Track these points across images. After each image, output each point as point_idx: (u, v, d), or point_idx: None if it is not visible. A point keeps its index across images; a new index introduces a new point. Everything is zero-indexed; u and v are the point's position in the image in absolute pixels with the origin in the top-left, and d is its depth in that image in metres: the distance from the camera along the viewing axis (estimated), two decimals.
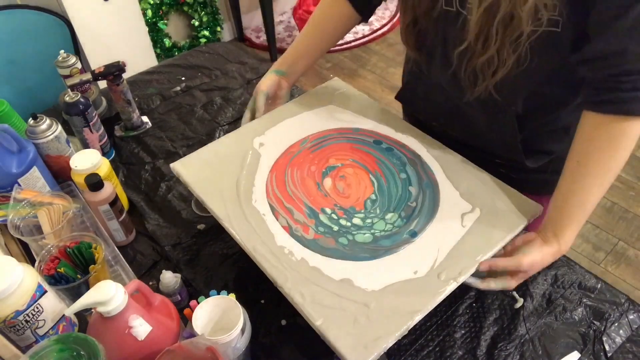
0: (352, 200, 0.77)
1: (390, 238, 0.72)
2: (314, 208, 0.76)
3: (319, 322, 0.63)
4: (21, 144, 0.88)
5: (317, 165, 0.83)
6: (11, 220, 0.79)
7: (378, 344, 0.60)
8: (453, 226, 0.73)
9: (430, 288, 0.65)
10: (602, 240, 1.87)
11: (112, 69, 1.04)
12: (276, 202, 0.77)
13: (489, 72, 0.69)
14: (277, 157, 0.85)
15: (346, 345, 0.60)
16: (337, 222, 0.74)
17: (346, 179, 0.80)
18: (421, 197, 0.77)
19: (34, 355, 0.53)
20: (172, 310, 0.66)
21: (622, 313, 0.75)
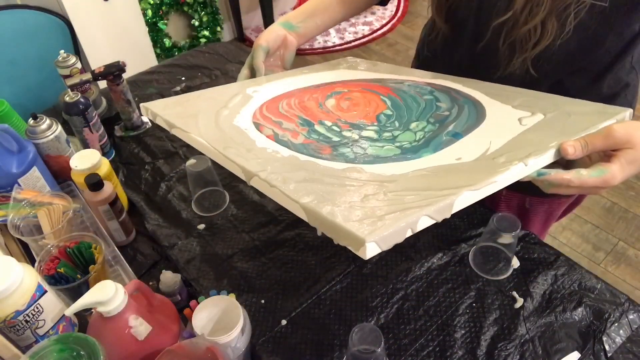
0: (359, 115, 0.63)
1: (429, 145, 0.55)
2: (309, 119, 0.62)
3: (307, 199, 0.46)
4: (21, 144, 0.88)
5: (321, 92, 0.70)
6: (11, 220, 0.79)
7: (401, 216, 0.42)
8: (509, 124, 0.57)
9: (484, 168, 0.48)
10: (602, 240, 1.87)
11: (112, 69, 1.04)
12: (262, 119, 0.64)
13: (530, 43, 0.68)
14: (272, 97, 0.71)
15: (349, 218, 0.43)
16: (338, 134, 0.59)
17: (352, 100, 0.68)
18: (456, 109, 0.64)
19: (34, 355, 0.53)
20: (172, 310, 0.66)
21: (622, 313, 0.75)
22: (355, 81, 0.74)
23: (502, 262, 0.81)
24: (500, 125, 0.57)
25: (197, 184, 0.94)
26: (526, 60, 0.70)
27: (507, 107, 0.63)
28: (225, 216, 0.93)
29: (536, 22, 0.65)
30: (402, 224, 0.42)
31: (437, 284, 0.80)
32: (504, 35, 0.70)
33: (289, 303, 0.79)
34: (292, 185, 0.49)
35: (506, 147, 0.52)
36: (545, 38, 0.66)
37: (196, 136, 0.60)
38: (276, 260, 0.85)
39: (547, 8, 0.64)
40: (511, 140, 0.53)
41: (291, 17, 0.80)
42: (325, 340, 0.74)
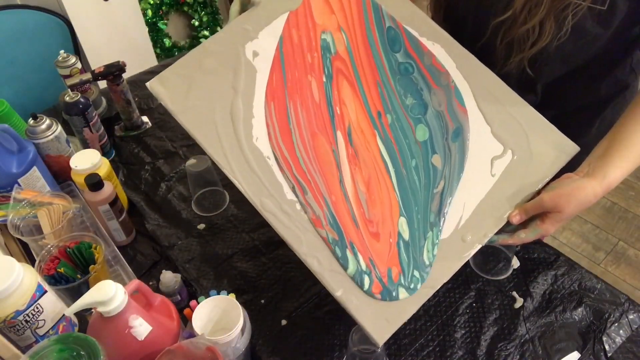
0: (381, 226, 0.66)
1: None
2: (342, 234, 0.64)
3: (339, 292, 0.61)
4: (21, 144, 0.88)
5: (324, 114, 0.68)
6: (11, 220, 0.79)
7: (400, 316, 0.60)
8: (482, 176, 0.66)
9: (454, 252, 0.63)
10: (602, 240, 1.87)
11: (112, 69, 1.04)
12: (283, 160, 0.65)
13: (527, 43, 0.68)
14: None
15: (368, 317, 0.60)
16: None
17: (369, 194, 0.67)
18: (448, 166, 0.68)
19: (34, 355, 0.53)
20: (172, 310, 0.66)
21: (622, 313, 0.75)
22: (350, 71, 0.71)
23: (502, 262, 0.81)
24: (476, 178, 0.67)
25: (197, 184, 0.94)
26: (523, 60, 0.70)
27: (487, 130, 0.69)
28: (225, 216, 0.93)
29: (535, 22, 0.66)
30: (400, 323, 0.60)
31: None
32: (501, 35, 0.71)
33: (289, 303, 0.79)
34: (326, 269, 0.62)
35: (473, 217, 0.65)
36: (543, 38, 0.67)
37: (231, 176, 0.64)
38: (276, 260, 0.85)
39: (546, 8, 0.64)
40: (480, 203, 0.65)
41: None
42: (325, 340, 0.74)
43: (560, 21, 0.65)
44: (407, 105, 0.71)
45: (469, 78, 0.70)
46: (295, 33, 0.71)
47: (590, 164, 0.63)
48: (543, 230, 0.64)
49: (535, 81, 0.74)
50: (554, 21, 0.65)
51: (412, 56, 0.72)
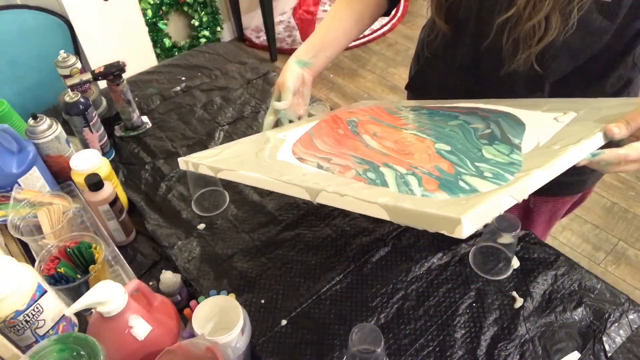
0: (422, 160, 0.60)
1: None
2: (370, 160, 0.60)
3: (386, 198, 0.47)
4: (21, 144, 0.88)
5: (346, 130, 0.73)
6: (11, 220, 0.79)
7: (485, 197, 0.45)
8: (548, 125, 0.60)
9: (544, 155, 0.52)
10: (602, 240, 1.87)
11: (112, 69, 1.04)
12: (304, 154, 0.66)
13: (534, 39, 0.68)
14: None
15: (436, 206, 0.45)
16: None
17: (393, 139, 0.69)
18: (494, 124, 0.66)
19: (34, 355, 0.53)
20: (172, 310, 0.66)
21: (622, 313, 0.75)
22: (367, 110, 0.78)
23: (502, 262, 0.81)
24: (541, 126, 0.59)
25: (197, 184, 0.94)
26: (530, 56, 0.70)
27: (537, 112, 0.65)
28: (225, 216, 0.93)
29: (540, 17, 0.65)
30: (490, 204, 0.44)
31: (437, 284, 0.80)
32: (507, 32, 0.71)
33: (289, 303, 0.79)
34: (365, 191, 0.51)
35: (555, 138, 0.55)
36: (550, 33, 0.66)
37: (247, 172, 0.62)
38: (276, 260, 0.85)
39: (551, 3, 0.64)
40: (557, 133, 0.56)
41: (302, 54, 0.83)
42: (325, 340, 0.74)
43: (566, 15, 0.65)
44: (435, 119, 0.75)
45: (499, 103, 0.73)
46: (324, 124, 0.80)
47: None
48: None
49: (544, 78, 0.74)
50: (560, 15, 0.65)
51: (437, 111, 0.78)
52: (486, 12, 0.73)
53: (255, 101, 1.21)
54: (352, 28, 0.86)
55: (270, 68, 1.32)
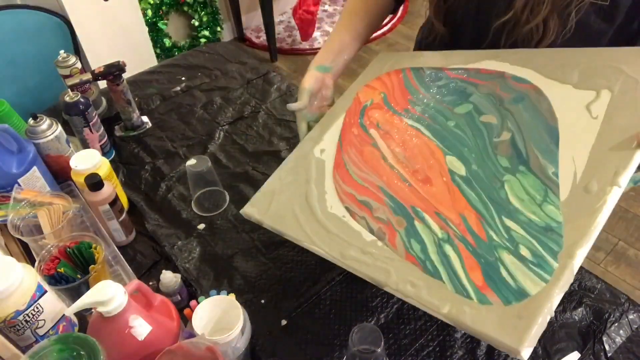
0: (445, 206, 0.61)
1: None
2: (400, 202, 0.64)
3: (446, 309, 0.52)
4: (21, 144, 0.88)
5: (362, 139, 0.75)
6: (11, 220, 0.79)
7: (533, 306, 0.47)
8: (583, 124, 0.57)
9: (583, 208, 0.51)
10: (602, 240, 1.87)
11: (112, 69, 1.04)
12: (349, 199, 0.69)
13: (532, 42, 0.68)
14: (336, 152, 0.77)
15: (494, 325, 0.47)
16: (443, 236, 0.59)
17: (390, 132, 0.73)
18: (513, 122, 0.63)
19: (34, 355, 0.53)
20: (172, 310, 0.66)
21: (622, 313, 0.75)
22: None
23: None
24: (574, 127, 0.57)
25: (197, 184, 0.94)
26: None
27: (568, 87, 0.61)
28: (225, 216, 0.93)
29: (538, 20, 0.65)
30: (545, 315, 0.46)
31: None
32: (505, 36, 0.71)
33: (289, 303, 0.79)
34: (424, 290, 0.54)
35: (591, 163, 0.53)
36: (548, 37, 0.66)
37: (310, 245, 0.66)
38: (276, 260, 0.85)
39: (548, 6, 0.64)
40: (592, 151, 0.54)
41: (322, 60, 0.86)
42: (325, 340, 0.74)
43: (564, 18, 0.65)
44: (444, 100, 0.73)
45: (526, 64, 0.68)
46: (348, 119, 0.81)
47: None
48: None
49: None
50: (558, 18, 0.65)
51: (453, 78, 0.76)
52: (484, 15, 0.73)
53: (255, 101, 1.21)
54: (365, 28, 0.89)
55: (270, 68, 1.33)
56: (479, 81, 0.72)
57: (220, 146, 1.09)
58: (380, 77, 0.85)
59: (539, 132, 0.61)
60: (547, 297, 0.47)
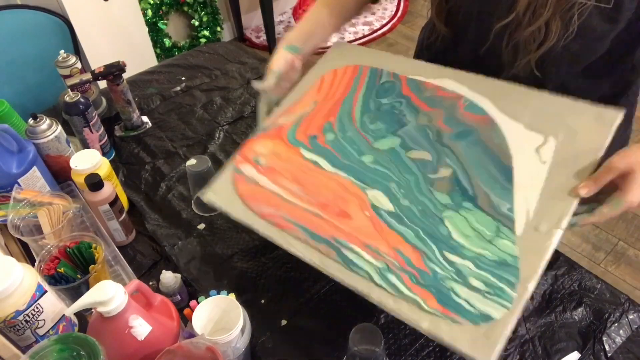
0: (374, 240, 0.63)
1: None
2: (317, 234, 0.65)
3: (425, 324, 0.56)
4: (21, 144, 0.88)
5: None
6: (11, 220, 0.79)
7: (498, 329, 0.53)
8: (533, 167, 0.62)
9: (535, 245, 0.57)
10: (602, 240, 1.87)
11: (112, 69, 1.04)
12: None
13: (534, 44, 0.68)
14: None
15: (467, 342, 0.53)
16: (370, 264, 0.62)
17: (296, 179, 0.71)
18: (452, 159, 0.66)
19: (34, 355, 0.53)
20: (172, 310, 0.66)
21: (622, 313, 0.75)
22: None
23: None
24: (526, 168, 0.62)
25: (197, 184, 0.94)
26: (530, 61, 0.70)
27: (520, 126, 0.66)
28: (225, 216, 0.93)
29: (540, 23, 0.65)
30: (507, 333, 0.52)
31: None
32: (507, 38, 0.70)
33: (289, 303, 0.79)
34: (404, 307, 0.57)
35: (540, 206, 0.59)
36: (550, 39, 0.66)
37: (288, 247, 0.67)
38: (276, 260, 0.85)
39: (551, 9, 0.63)
40: (542, 194, 0.60)
41: (293, 39, 0.83)
42: (325, 340, 0.74)
43: (567, 21, 0.64)
44: (369, 128, 0.74)
45: (484, 93, 0.71)
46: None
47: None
48: (626, 199, 0.57)
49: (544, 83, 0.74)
50: (560, 21, 0.65)
51: (405, 95, 0.76)
52: (486, 16, 0.73)
53: (255, 101, 1.21)
54: (342, 12, 0.87)
55: None
56: (427, 107, 0.73)
57: (220, 146, 1.09)
58: (336, 71, 0.82)
59: (488, 169, 0.64)
60: (507, 322, 0.53)
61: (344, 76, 0.82)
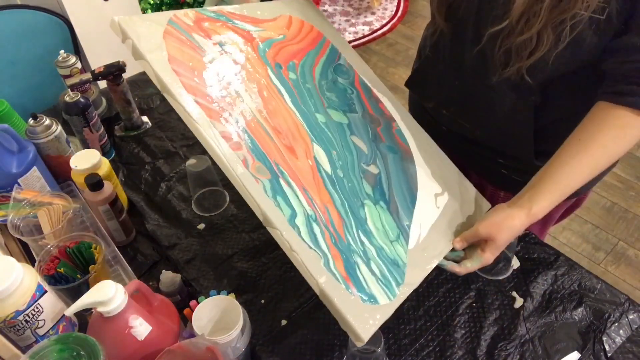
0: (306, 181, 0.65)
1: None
2: (264, 153, 0.63)
3: (324, 279, 0.59)
4: (21, 144, 0.88)
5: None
6: (11, 220, 0.79)
7: (379, 313, 0.60)
8: (430, 206, 0.73)
9: (419, 262, 0.68)
10: (602, 240, 1.87)
11: (112, 69, 1.04)
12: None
13: (525, 53, 0.68)
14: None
15: (354, 313, 0.58)
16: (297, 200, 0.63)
17: (260, 92, 0.68)
18: (382, 163, 0.74)
19: (34, 355, 0.53)
20: (172, 310, 0.66)
21: (622, 313, 0.75)
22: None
23: (502, 262, 0.81)
24: (425, 204, 0.74)
25: (197, 184, 0.94)
26: (521, 68, 0.70)
27: (427, 171, 0.78)
28: (225, 216, 0.93)
29: (532, 33, 0.65)
30: (382, 320, 0.60)
31: (437, 284, 0.80)
32: (499, 43, 0.71)
33: (289, 303, 0.79)
34: (307, 255, 0.59)
35: (429, 238, 0.71)
36: (540, 49, 0.66)
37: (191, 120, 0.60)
38: (276, 260, 0.85)
39: (543, 20, 0.64)
40: (431, 228, 0.72)
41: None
42: (325, 340, 0.74)
43: (559, 32, 0.65)
44: (325, 93, 0.76)
45: (410, 129, 0.81)
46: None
47: (522, 194, 0.69)
48: (483, 259, 0.69)
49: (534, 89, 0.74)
50: (552, 32, 0.65)
51: (356, 88, 0.81)
52: (482, 18, 0.73)
53: None
54: None
55: None
56: (371, 110, 0.79)
57: None
58: (303, 23, 0.81)
59: (402, 186, 0.74)
60: (388, 311, 0.61)
61: (309, 33, 0.82)
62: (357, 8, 3.25)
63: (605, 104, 0.67)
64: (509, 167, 0.87)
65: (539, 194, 0.67)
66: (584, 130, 0.68)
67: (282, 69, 0.74)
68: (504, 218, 0.68)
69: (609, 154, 0.67)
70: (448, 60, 0.84)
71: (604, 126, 0.66)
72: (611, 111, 0.66)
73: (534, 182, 0.69)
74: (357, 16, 3.17)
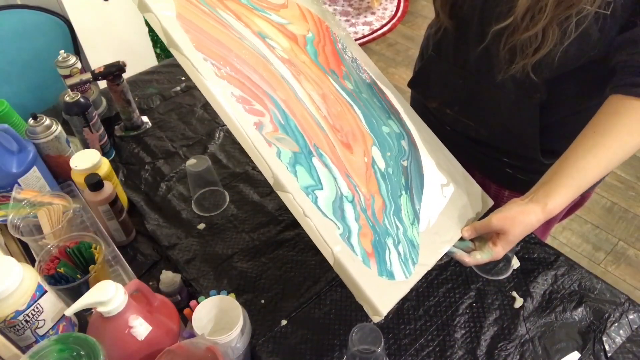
0: (357, 173, 0.67)
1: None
2: (300, 132, 0.63)
3: (339, 248, 0.58)
4: (21, 144, 0.88)
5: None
6: (11, 220, 0.79)
7: (395, 290, 0.61)
8: (437, 195, 0.74)
9: (430, 246, 0.68)
10: (602, 240, 1.87)
11: (112, 69, 1.04)
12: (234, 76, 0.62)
13: (530, 50, 0.68)
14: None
15: (371, 285, 0.59)
16: (335, 184, 0.63)
17: (324, 97, 0.70)
18: (410, 157, 0.76)
19: (34, 355, 0.53)
20: (172, 310, 0.66)
21: (622, 313, 0.75)
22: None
23: (502, 262, 0.81)
24: (433, 193, 0.74)
25: (197, 184, 0.94)
26: (526, 65, 0.70)
27: (433, 162, 0.77)
28: (225, 216, 0.93)
29: (537, 29, 0.65)
30: (399, 297, 0.61)
31: (437, 284, 0.80)
32: (504, 40, 0.70)
33: (289, 303, 0.79)
34: (320, 223, 0.58)
35: (439, 223, 0.71)
36: (546, 45, 0.66)
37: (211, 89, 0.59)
38: (276, 260, 0.85)
39: (548, 16, 0.63)
40: (440, 215, 0.72)
41: None
42: (325, 340, 0.74)
43: (564, 28, 0.64)
44: (374, 104, 0.78)
45: (415, 124, 0.81)
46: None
47: (536, 190, 0.66)
48: (494, 252, 0.67)
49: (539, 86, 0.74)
50: (557, 28, 0.64)
51: (370, 82, 0.82)
52: (486, 16, 0.73)
53: None
54: None
55: None
56: (389, 107, 0.80)
57: (220, 146, 1.09)
58: (322, 22, 0.80)
59: (416, 171, 0.75)
60: (403, 288, 0.62)
61: (326, 34, 0.81)
62: (357, 8, 3.25)
63: (619, 96, 0.65)
64: (514, 166, 0.87)
65: (554, 189, 0.64)
66: (598, 124, 0.66)
67: (339, 78, 0.75)
68: (519, 212, 0.65)
69: (626, 146, 0.65)
70: (452, 58, 0.84)
71: (619, 119, 0.65)
72: (626, 103, 0.64)
73: (549, 178, 0.66)
74: (357, 16, 3.17)
